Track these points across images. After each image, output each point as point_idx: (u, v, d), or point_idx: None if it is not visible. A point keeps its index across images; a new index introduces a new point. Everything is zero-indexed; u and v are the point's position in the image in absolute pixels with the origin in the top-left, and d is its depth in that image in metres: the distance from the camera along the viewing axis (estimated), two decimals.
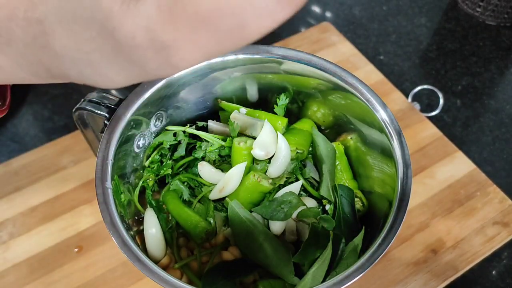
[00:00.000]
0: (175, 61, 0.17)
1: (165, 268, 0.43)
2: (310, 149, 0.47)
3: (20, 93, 0.68)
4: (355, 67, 0.67)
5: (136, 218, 0.45)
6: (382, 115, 0.42)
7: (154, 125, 0.45)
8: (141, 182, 0.45)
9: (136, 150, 0.44)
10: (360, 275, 0.34)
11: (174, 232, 0.46)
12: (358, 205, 0.46)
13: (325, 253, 0.40)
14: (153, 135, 0.46)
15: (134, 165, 0.44)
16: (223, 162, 0.47)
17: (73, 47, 0.19)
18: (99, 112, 0.41)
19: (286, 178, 0.45)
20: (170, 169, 0.46)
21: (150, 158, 0.46)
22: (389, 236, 0.36)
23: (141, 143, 0.44)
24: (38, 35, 0.20)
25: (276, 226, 0.43)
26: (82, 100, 0.42)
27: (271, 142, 0.44)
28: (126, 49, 0.18)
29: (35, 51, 0.20)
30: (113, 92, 0.68)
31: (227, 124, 0.47)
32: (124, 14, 0.17)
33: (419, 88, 0.67)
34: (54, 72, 0.22)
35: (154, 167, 0.46)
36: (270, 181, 0.44)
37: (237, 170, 0.44)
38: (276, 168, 0.44)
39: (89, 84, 0.22)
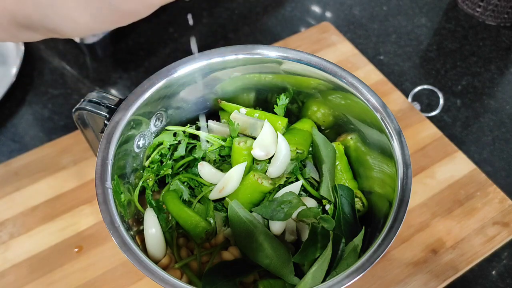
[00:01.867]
0: None
1: (165, 268, 0.43)
2: (310, 149, 0.47)
3: (20, 93, 0.68)
4: (355, 67, 0.67)
5: (136, 218, 0.45)
6: (382, 115, 0.42)
7: (154, 125, 0.45)
8: (141, 182, 0.45)
9: (136, 150, 0.44)
10: (360, 275, 0.34)
11: (174, 232, 0.46)
12: (358, 205, 0.46)
13: (325, 253, 0.40)
14: (153, 135, 0.46)
15: (134, 165, 0.44)
16: (223, 162, 0.47)
17: None
18: (99, 112, 0.41)
19: (286, 178, 0.45)
20: (170, 169, 0.46)
21: (150, 158, 0.46)
22: (389, 236, 0.36)
23: (141, 143, 0.44)
24: None
25: (276, 226, 0.43)
26: (82, 100, 0.42)
27: (271, 142, 0.44)
28: None
29: None
30: (113, 92, 0.68)
31: (227, 124, 0.47)
32: None
33: (419, 88, 0.67)
34: (18, 18, 0.21)
35: (154, 167, 0.46)
36: (270, 181, 0.44)
37: (237, 170, 0.44)
38: (276, 168, 0.44)
39: (53, 31, 0.21)
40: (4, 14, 0.21)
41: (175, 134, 0.46)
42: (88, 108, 0.41)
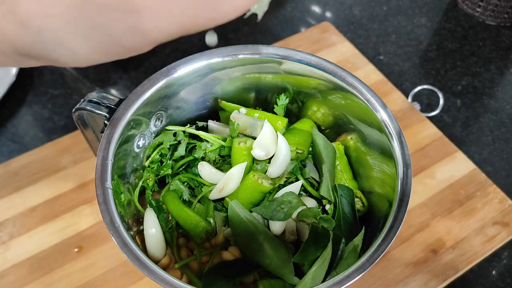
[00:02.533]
0: (146, 28, 0.17)
1: (165, 268, 0.43)
2: (310, 149, 0.47)
3: (20, 93, 0.68)
4: (355, 67, 0.67)
5: (136, 218, 0.45)
6: (382, 115, 0.42)
7: (154, 125, 0.45)
8: (141, 182, 0.45)
9: (136, 150, 0.44)
10: (360, 275, 0.34)
11: (174, 232, 0.46)
12: (358, 205, 0.46)
13: (325, 253, 0.40)
14: (153, 135, 0.46)
15: (134, 165, 0.44)
16: (223, 162, 0.47)
17: (39, 11, 0.19)
18: (99, 112, 0.41)
19: (286, 178, 0.45)
20: (170, 169, 0.46)
21: (150, 158, 0.46)
22: (389, 236, 0.36)
23: (141, 143, 0.44)
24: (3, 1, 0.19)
25: (276, 226, 0.43)
26: (82, 100, 0.42)
27: (271, 142, 0.44)
28: (92, 9, 0.17)
29: None
30: (113, 92, 0.68)
31: (227, 124, 0.47)
32: None
33: (419, 88, 0.67)
34: (18, 47, 0.21)
35: (154, 167, 0.46)
36: (270, 181, 0.44)
37: (237, 170, 0.44)
38: (276, 168, 0.44)
39: (53, 61, 0.21)
40: (5, 42, 0.21)
41: (175, 134, 0.46)
42: (88, 108, 0.41)
